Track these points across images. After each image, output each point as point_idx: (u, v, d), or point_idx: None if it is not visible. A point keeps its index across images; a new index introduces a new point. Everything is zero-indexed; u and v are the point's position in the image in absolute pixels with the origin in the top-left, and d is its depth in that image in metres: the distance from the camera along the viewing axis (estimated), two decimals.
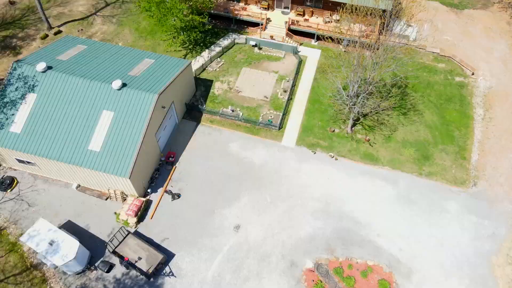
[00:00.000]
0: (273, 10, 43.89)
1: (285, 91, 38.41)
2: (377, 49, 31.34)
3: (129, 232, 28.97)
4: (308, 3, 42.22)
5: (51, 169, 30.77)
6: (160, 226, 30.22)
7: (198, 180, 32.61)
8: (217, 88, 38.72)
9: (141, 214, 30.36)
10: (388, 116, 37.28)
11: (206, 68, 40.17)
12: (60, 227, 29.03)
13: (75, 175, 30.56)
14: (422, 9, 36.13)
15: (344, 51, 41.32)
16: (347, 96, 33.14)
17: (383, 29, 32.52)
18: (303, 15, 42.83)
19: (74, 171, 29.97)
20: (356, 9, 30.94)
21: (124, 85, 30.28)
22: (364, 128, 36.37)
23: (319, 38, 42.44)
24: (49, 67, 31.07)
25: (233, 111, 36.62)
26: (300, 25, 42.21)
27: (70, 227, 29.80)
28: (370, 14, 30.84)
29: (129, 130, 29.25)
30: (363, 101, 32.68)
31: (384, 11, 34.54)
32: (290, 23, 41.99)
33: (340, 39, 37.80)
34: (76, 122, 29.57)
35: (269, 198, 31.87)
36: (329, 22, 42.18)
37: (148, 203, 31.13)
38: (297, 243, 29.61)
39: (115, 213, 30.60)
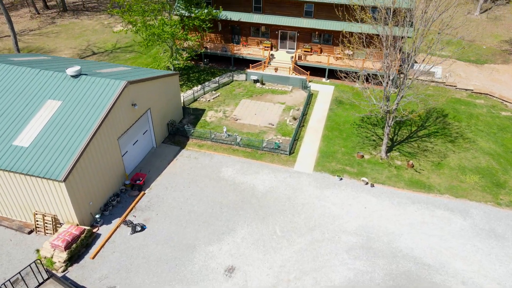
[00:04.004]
0: (277, 50, 39.25)
1: (294, 119, 30.51)
2: (402, 84, 24.56)
3: (51, 275, 17.51)
4: (315, 40, 37.75)
5: None
6: (104, 269, 18.67)
7: (174, 208, 22.15)
8: (210, 116, 30.96)
9: (78, 249, 19.13)
10: (431, 143, 28.59)
11: (198, 99, 33.17)
12: None
13: None
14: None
15: (362, 88, 35.03)
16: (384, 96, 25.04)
17: (407, 65, 25.59)
18: (311, 52, 37.92)
19: None
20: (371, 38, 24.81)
21: (83, 75, 22.80)
22: (403, 154, 27.30)
23: (331, 75, 36.58)
24: None
25: (229, 135, 28.11)
26: (308, 60, 36.91)
27: None
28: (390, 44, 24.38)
29: (78, 120, 20.52)
30: (402, 98, 24.55)
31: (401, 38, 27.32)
32: (296, 57, 36.76)
33: (356, 73, 30.76)
34: (7, 114, 21.05)
35: (279, 231, 20.91)
36: (340, 58, 36.94)
37: (91, 237, 20.10)
38: None
39: (37, 250, 19.40)
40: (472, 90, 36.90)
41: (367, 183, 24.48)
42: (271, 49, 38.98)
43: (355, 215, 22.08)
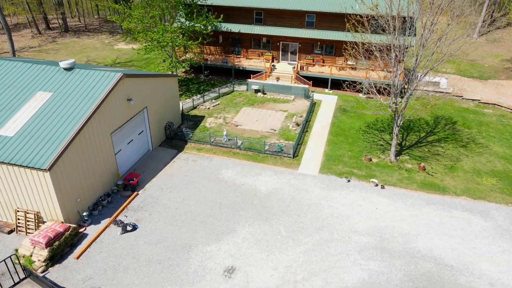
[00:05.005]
0: (278, 62, 38.68)
1: (297, 125, 29.28)
2: (405, 93, 23.69)
3: (29, 274, 15.60)
4: (317, 51, 37.26)
5: None
6: (89, 270, 16.70)
7: (170, 209, 20.39)
8: (210, 122, 29.73)
9: (61, 248, 17.24)
10: (442, 148, 27.21)
11: (198, 107, 32.08)
12: None
13: None
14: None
15: (366, 98, 34.14)
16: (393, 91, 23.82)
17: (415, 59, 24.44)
18: (313, 63, 37.30)
19: None
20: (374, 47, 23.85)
21: (77, 68, 21.79)
22: (413, 158, 25.84)
23: (333, 87, 35.76)
24: None
25: (229, 139, 26.74)
26: (310, 70, 36.21)
27: None
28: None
29: (69, 111, 19.25)
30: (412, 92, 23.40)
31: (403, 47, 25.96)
32: (298, 68, 36.08)
33: (359, 83, 29.37)
34: None
35: (283, 230, 19.07)
36: (343, 68, 36.27)
37: (77, 236, 18.24)
38: None
39: (16, 250, 17.50)
40: (479, 100, 35.99)
41: (377, 185, 22.85)
42: (273, 61, 38.42)
43: (366, 215, 20.29)
